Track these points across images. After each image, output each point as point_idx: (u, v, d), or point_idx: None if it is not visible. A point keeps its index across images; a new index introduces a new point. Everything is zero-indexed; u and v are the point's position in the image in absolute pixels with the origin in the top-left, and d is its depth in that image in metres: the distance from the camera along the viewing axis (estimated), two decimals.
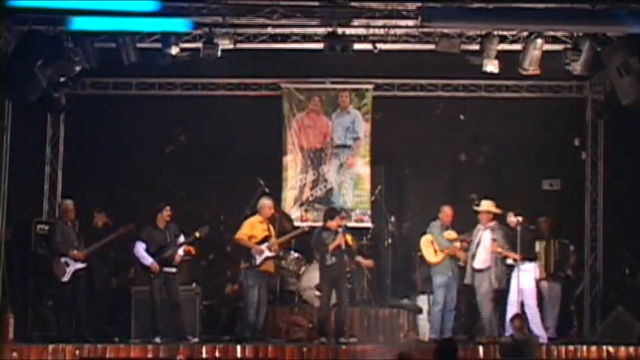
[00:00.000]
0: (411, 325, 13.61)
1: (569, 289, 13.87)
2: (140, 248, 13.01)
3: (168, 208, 13.12)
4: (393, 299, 14.36)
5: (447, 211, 13.36)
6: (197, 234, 13.12)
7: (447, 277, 13.17)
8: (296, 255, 14.05)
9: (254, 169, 14.68)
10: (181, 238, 13.14)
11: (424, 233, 13.46)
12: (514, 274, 12.96)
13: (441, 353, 8.44)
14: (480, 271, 13.09)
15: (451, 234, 13.26)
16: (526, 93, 14.99)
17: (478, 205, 13.41)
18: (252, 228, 13.19)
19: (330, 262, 12.98)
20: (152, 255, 12.95)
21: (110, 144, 14.91)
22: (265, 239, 13.13)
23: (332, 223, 13.08)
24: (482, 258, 13.11)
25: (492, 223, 13.19)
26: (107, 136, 14.86)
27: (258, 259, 13.01)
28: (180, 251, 13.16)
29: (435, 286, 13.24)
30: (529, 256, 13.04)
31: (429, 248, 13.29)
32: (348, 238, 13.13)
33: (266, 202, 13.34)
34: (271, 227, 13.33)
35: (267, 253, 13.07)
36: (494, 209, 13.29)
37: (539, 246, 13.50)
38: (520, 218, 13.00)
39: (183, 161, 15.32)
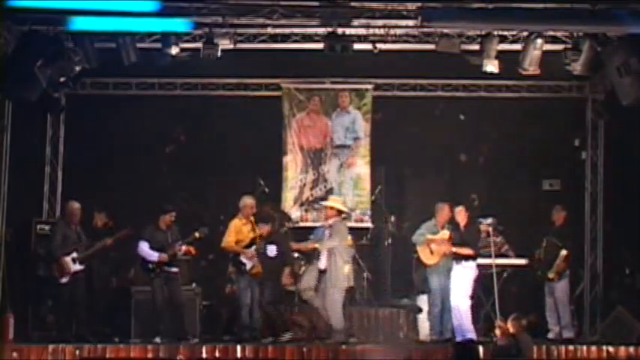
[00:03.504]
0: (411, 325, 13.60)
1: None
2: (144, 247, 13.03)
3: (173, 213, 13.13)
4: (393, 299, 14.37)
5: (445, 210, 13.27)
6: (197, 234, 13.12)
7: (443, 278, 13.07)
8: (295, 255, 14.03)
9: (254, 169, 14.69)
10: (180, 243, 13.13)
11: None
12: (452, 272, 12.93)
13: (461, 355, 8.41)
14: (323, 271, 12.93)
15: (445, 234, 13.14)
16: (526, 93, 14.98)
17: (326, 199, 13.29)
18: (238, 232, 13.17)
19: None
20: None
21: (110, 144, 14.92)
22: (253, 241, 13.13)
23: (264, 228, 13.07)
24: (324, 258, 12.93)
25: (332, 220, 13.01)
26: (107, 136, 14.87)
27: (249, 265, 13.02)
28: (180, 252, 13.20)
29: (432, 288, 13.18)
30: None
31: (425, 249, 13.24)
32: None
33: (247, 202, 13.29)
34: (256, 227, 13.31)
35: (257, 257, 13.09)
36: (339, 206, 13.17)
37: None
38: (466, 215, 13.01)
39: (183, 161, 15.33)
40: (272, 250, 13.04)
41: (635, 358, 12.24)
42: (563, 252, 13.39)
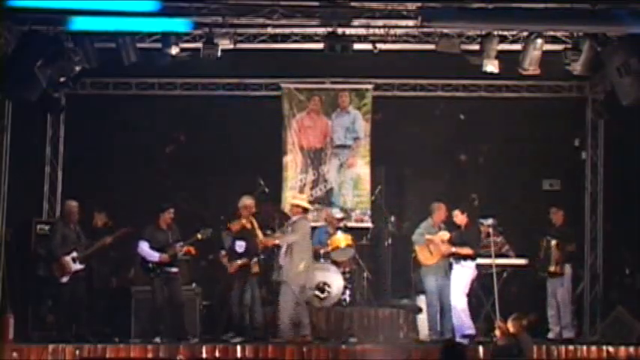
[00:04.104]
0: (411, 325, 13.60)
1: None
2: (144, 247, 13.03)
3: (172, 210, 13.14)
4: (393, 299, 14.37)
5: (441, 209, 13.23)
6: (199, 235, 13.12)
7: (440, 278, 13.05)
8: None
9: (254, 169, 14.68)
10: (181, 244, 13.13)
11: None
12: (452, 272, 12.93)
13: (447, 354, 8.38)
14: (281, 267, 12.97)
15: (445, 234, 13.13)
16: (526, 93, 14.99)
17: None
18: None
19: None
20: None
21: (110, 144, 14.92)
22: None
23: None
24: (282, 253, 12.98)
25: (296, 217, 12.99)
26: (107, 136, 14.87)
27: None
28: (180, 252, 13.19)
29: (427, 288, 13.14)
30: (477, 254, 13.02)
31: (425, 250, 13.20)
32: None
33: (247, 202, 13.32)
34: (256, 227, 13.33)
35: (256, 257, 13.09)
36: (304, 204, 13.19)
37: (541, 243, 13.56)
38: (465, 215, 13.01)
39: (183, 161, 15.32)
40: (241, 246, 13.10)
41: (635, 358, 12.23)
42: (553, 242, 13.42)
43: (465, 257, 12.88)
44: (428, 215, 13.36)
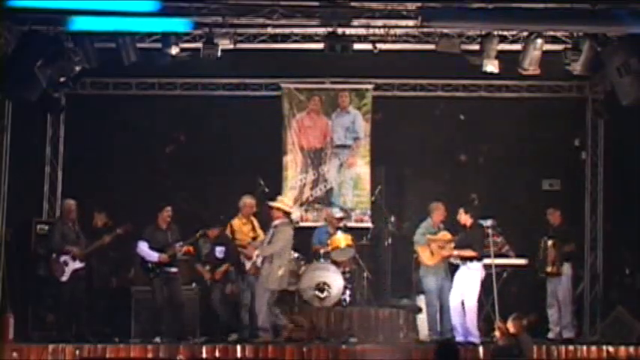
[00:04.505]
0: (411, 325, 13.59)
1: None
2: (144, 247, 13.04)
3: (169, 208, 13.15)
4: (393, 299, 14.37)
5: (440, 209, 13.24)
6: (198, 235, 13.13)
7: (440, 279, 13.04)
8: (295, 255, 14.03)
9: (254, 169, 14.68)
10: (181, 244, 13.14)
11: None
12: (458, 273, 12.91)
13: (441, 354, 8.40)
14: (258, 269, 12.90)
15: (446, 235, 13.11)
16: (526, 93, 15.00)
17: (274, 200, 13.27)
18: (238, 232, 13.31)
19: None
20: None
21: (110, 144, 14.91)
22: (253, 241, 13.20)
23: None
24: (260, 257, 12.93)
25: (278, 222, 12.91)
26: (107, 136, 14.87)
27: (248, 264, 13.03)
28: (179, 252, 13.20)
29: (426, 289, 13.13)
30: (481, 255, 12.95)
31: (426, 250, 13.19)
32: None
33: (247, 201, 13.33)
34: (257, 226, 13.32)
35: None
36: (284, 207, 13.08)
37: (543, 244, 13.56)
38: (469, 216, 12.98)
39: (183, 161, 15.32)
40: (221, 252, 13.18)
41: (635, 358, 12.24)
42: (549, 242, 13.42)
43: (471, 259, 12.85)
44: (427, 215, 13.36)
